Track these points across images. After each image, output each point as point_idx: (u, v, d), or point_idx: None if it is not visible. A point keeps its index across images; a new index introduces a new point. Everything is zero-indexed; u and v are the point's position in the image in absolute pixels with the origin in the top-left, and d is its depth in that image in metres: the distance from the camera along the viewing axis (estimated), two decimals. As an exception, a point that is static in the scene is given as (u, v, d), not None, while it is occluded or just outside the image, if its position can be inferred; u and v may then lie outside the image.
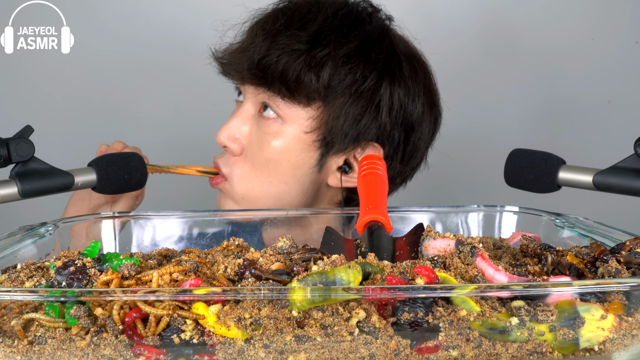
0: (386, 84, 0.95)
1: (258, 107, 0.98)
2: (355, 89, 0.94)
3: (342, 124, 0.94)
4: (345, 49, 0.94)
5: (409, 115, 0.98)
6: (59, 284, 0.57)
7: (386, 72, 0.96)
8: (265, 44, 0.94)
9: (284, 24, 0.95)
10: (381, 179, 0.84)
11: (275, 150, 0.96)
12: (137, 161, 0.89)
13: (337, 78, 0.93)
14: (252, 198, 0.99)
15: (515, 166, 0.87)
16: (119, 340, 0.54)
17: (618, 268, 0.59)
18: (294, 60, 0.92)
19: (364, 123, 0.95)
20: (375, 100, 0.95)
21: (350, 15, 0.97)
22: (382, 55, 0.96)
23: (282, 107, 0.95)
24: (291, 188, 0.98)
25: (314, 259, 0.60)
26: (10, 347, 0.54)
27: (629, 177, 0.77)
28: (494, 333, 0.54)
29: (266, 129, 0.96)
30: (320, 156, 0.97)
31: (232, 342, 0.53)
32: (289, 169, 0.97)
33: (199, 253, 0.70)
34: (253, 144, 0.98)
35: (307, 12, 0.96)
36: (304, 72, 0.92)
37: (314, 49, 0.93)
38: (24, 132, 0.80)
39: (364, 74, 0.94)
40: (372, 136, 0.96)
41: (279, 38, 0.93)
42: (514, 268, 0.62)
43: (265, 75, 0.93)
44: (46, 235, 0.76)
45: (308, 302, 0.53)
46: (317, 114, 0.95)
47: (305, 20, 0.95)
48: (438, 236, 0.65)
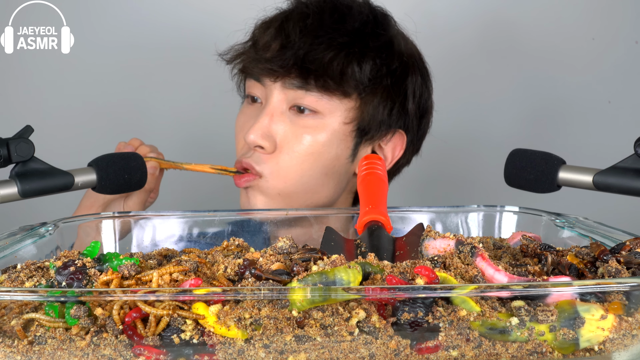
0: (411, 73, 1.03)
1: (288, 103, 0.99)
2: (389, 79, 1.00)
3: (380, 113, 1.00)
4: (381, 42, 1.00)
5: (425, 102, 1.06)
6: (59, 284, 0.57)
7: (411, 63, 1.03)
8: (308, 40, 0.97)
9: (318, 21, 0.99)
10: (381, 179, 0.84)
11: (318, 144, 0.99)
12: (137, 161, 0.89)
13: (376, 69, 0.98)
14: (289, 193, 1.00)
15: (515, 166, 0.87)
16: (119, 340, 0.53)
17: (618, 268, 0.59)
18: (337, 53, 0.96)
19: (395, 112, 1.01)
20: (404, 90, 1.02)
21: (373, 11, 1.03)
22: (404, 48, 1.03)
23: (321, 101, 0.98)
24: (330, 180, 1.01)
25: (314, 259, 0.60)
26: (10, 347, 0.54)
27: (629, 177, 0.77)
28: (494, 333, 0.54)
29: (304, 124, 0.99)
30: (355, 146, 1.01)
31: (232, 342, 0.53)
32: (330, 161, 1.00)
33: (199, 253, 0.70)
34: (289, 139, 0.99)
35: (335, 9, 1.01)
36: (347, 65, 0.97)
37: (356, 42, 0.98)
38: (24, 132, 0.80)
39: (396, 66, 1.01)
40: (400, 124, 1.03)
41: (319, 33, 0.97)
42: (514, 268, 0.62)
43: (309, 70, 0.96)
44: (46, 235, 0.76)
45: (308, 302, 0.53)
46: (355, 105, 0.99)
47: (338, 16, 1.00)
48: (438, 236, 0.65)
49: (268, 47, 0.99)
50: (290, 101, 0.99)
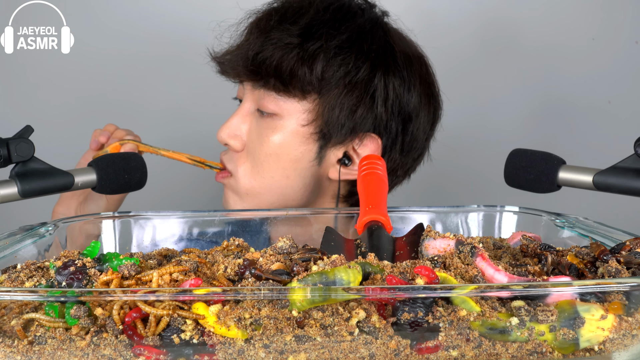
0: (380, 74, 0.97)
1: (256, 104, 0.99)
2: (349, 80, 0.95)
3: (338, 115, 0.96)
4: (337, 41, 0.95)
5: (405, 105, 0.99)
6: (59, 284, 0.57)
7: (379, 63, 0.97)
8: (259, 41, 0.95)
9: (277, 21, 0.96)
10: (381, 179, 0.84)
11: (275, 145, 0.98)
12: (137, 161, 0.89)
13: (330, 70, 0.95)
14: (256, 194, 1.00)
15: (515, 166, 0.87)
16: (119, 340, 0.53)
17: (618, 268, 0.59)
18: (286, 54, 0.94)
19: (360, 114, 0.96)
20: (369, 91, 0.96)
21: (342, 8, 0.99)
22: (375, 46, 0.98)
23: (278, 102, 0.97)
24: (293, 182, 0.99)
25: (314, 259, 0.60)
26: (10, 347, 0.54)
27: (629, 177, 0.77)
28: (494, 333, 0.54)
29: (265, 125, 0.98)
30: (319, 149, 0.99)
31: (232, 342, 0.53)
32: (289, 163, 0.98)
33: (199, 253, 0.70)
34: (253, 140, 0.99)
35: (299, 8, 0.98)
36: (297, 66, 0.94)
37: (306, 43, 0.94)
38: (24, 132, 0.80)
39: (356, 65, 0.96)
40: (368, 127, 0.98)
41: (271, 34, 0.95)
42: (514, 268, 0.62)
43: (259, 71, 0.95)
44: (46, 235, 0.76)
45: (308, 302, 0.53)
46: (312, 106, 0.97)
47: (297, 15, 0.97)
48: (438, 236, 0.65)
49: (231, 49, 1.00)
50: (255, 102, 0.99)
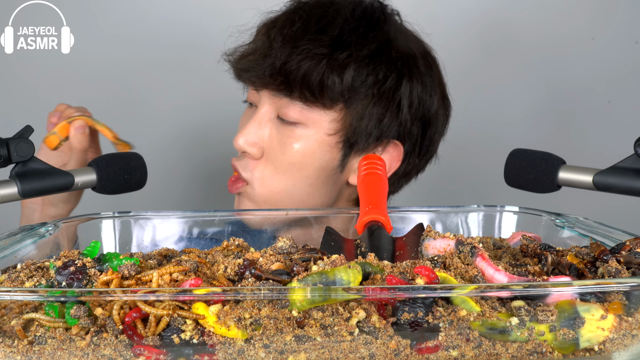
0: (406, 81, 0.97)
1: (276, 111, 0.98)
2: (377, 89, 0.96)
3: (367, 124, 0.96)
4: (367, 50, 0.95)
5: (427, 110, 1.00)
6: (59, 284, 0.57)
7: (405, 70, 0.97)
8: (286, 50, 0.94)
9: (302, 28, 0.95)
10: (381, 178, 0.84)
11: (299, 154, 0.97)
12: (137, 161, 0.89)
13: (360, 79, 0.95)
14: (275, 201, 0.99)
15: (515, 166, 0.87)
16: (119, 340, 0.53)
17: (618, 268, 0.59)
18: (316, 64, 0.93)
19: (386, 122, 0.97)
20: (396, 99, 0.97)
21: (366, 14, 0.99)
22: (399, 53, 0.98)
23: (304, 111, 0.96)
24: (315, 190, 0.99)
25: (314, 259, 0.60)
26: (10, 347, 0.54)
27: (629, 177, 0.77)
28: (494, 333, 0.54)
29: (288, 133, 0.97)
30: (343, 157, 0.98)
31: (232, 342, 0.53)
32: (313, 172, 0.98)
33: (199, 253, 0.70)
34: (274, 148, 0.98)
35: (324, 14, 0.97)
36: (327, 76, 0.93)
37: (336, 52, 0.94)
38: (24, 132, 0.80)
39: (385, 74, 0.96)
40: (393, 134, 0.98)
41: (299, 43, 0.94)
42: (514, 268, 0.62)
43: (288, 81, 0.93)
44: (46, 235, 0.76)
45: (308, 302, 0.53)
46: (339, 116, 0.96)
47: (324, 22, 0.96)
48: (438, 236, 0.65)
49: (254, 54, 0.98)
50: (276, 109, 0.98)
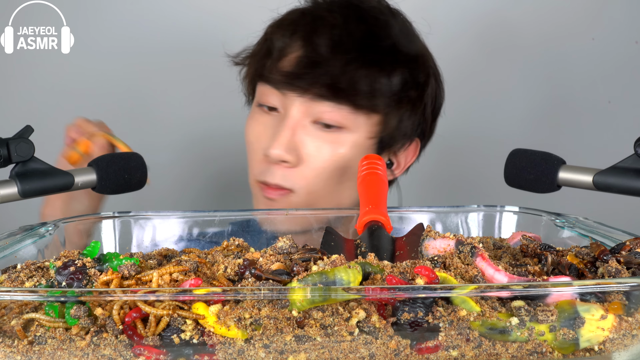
0: (432, 81, 1.02)
1: (311, 116, 0.97)
2: (414, 92, 0.99)
3: (405, 126, 1.00)
4: (409, 57, 0.99)
5: (440, 104, 1.06)
6: (59, 284, 0.57)
7: (429, 71, 1.02)
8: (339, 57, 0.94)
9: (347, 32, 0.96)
10: (381, 178, 0.84)
11: (344, 158, 0.98)
12: (137, 161, 0.89)
13: (403, 84, 0.98)
14: (315, 205, 1.00)
15: (515, 166, 0.87)
16: (119, 340, 0.54)
17: (618, 268, 0.59)
18: (369, 71, 0.95)
19: (417, 122, 1.01)
20: (424, 99, 1.01)
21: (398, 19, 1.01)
22: (425, 57, 1.02)
23: (350, 116, 0.96)
24: (352, 191, 1.01)
25: (314, 259, 0.60)
26: (10, 347, 0.54)
27: (629, 177, 0.77)
28: (494, 333, 0.54)
29: (329, 138, 0.97)
30: None
31: (232, 342, 0.53)
32: (353, 175, 0.98)
33: (199, 253, 0.70)
34: (314, 154, 0.97)
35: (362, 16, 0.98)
36: (377, 82, 0.95)
37: (388, 59, 0.96)
38: (24, 132, 0.80)
39: (420, 78, 1.00)
40: (419, 132, 1.03)
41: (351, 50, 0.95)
42: (514, 268, 0.62)
43: (341, 88, 0.94)
44: (46, 235, 0.76)
45: (308, 302, 0.53)
46: (381, 119, 0.98)
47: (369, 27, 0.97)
48: (438, 236, 0.65)
49: (293, 58, 0.96)
50: (313, 114, 0.97)
